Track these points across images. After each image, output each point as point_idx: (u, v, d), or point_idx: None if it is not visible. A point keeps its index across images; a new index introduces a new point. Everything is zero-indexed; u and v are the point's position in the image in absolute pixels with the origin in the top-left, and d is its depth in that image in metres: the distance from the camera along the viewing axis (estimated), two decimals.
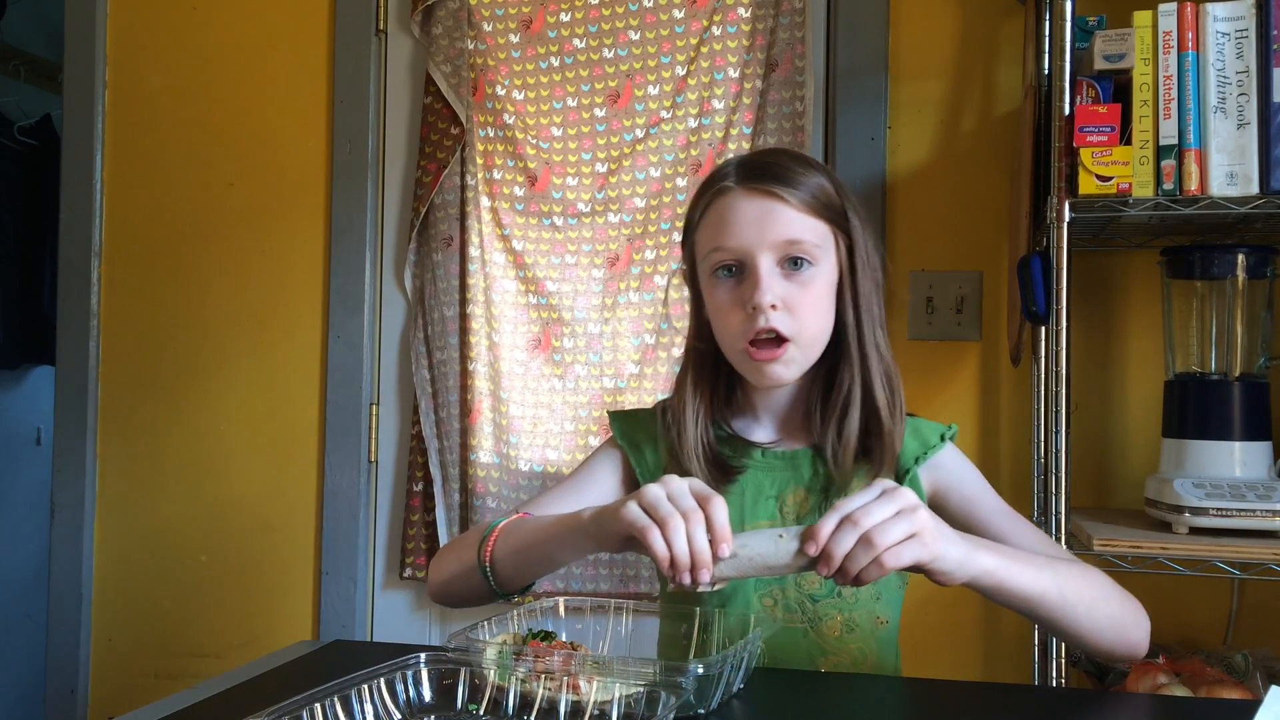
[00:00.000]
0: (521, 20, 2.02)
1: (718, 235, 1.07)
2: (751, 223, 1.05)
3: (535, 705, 0.81)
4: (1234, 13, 1.35)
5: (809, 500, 1.11)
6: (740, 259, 1.05)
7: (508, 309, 2.01)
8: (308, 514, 2.12)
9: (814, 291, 1.06)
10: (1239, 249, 1.53)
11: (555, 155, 2.00)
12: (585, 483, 1.17)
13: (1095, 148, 1.35)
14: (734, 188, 1.06)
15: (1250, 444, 1.45)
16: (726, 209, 1.06)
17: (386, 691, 0.81)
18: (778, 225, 1.04)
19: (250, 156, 2.19)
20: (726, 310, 1.07)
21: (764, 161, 1.09)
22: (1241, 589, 1.65)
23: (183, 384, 2.21)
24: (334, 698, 0.76)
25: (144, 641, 2.20)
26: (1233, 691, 1.36)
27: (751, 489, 1.12)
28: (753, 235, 1.04)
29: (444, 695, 0.84)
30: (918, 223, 1.82)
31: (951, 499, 1.12)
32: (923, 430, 1.15)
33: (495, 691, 0.83)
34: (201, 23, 2.22)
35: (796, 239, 1.04)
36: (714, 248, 1.07)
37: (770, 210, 1.04)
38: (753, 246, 1.04)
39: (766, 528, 0.92)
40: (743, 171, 1.07)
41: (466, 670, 0.84)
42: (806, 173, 1.07)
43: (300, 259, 2.15)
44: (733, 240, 1.05)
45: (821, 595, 1.09)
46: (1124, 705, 1.11)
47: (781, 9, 1.88)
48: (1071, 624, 0.96)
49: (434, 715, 0.83)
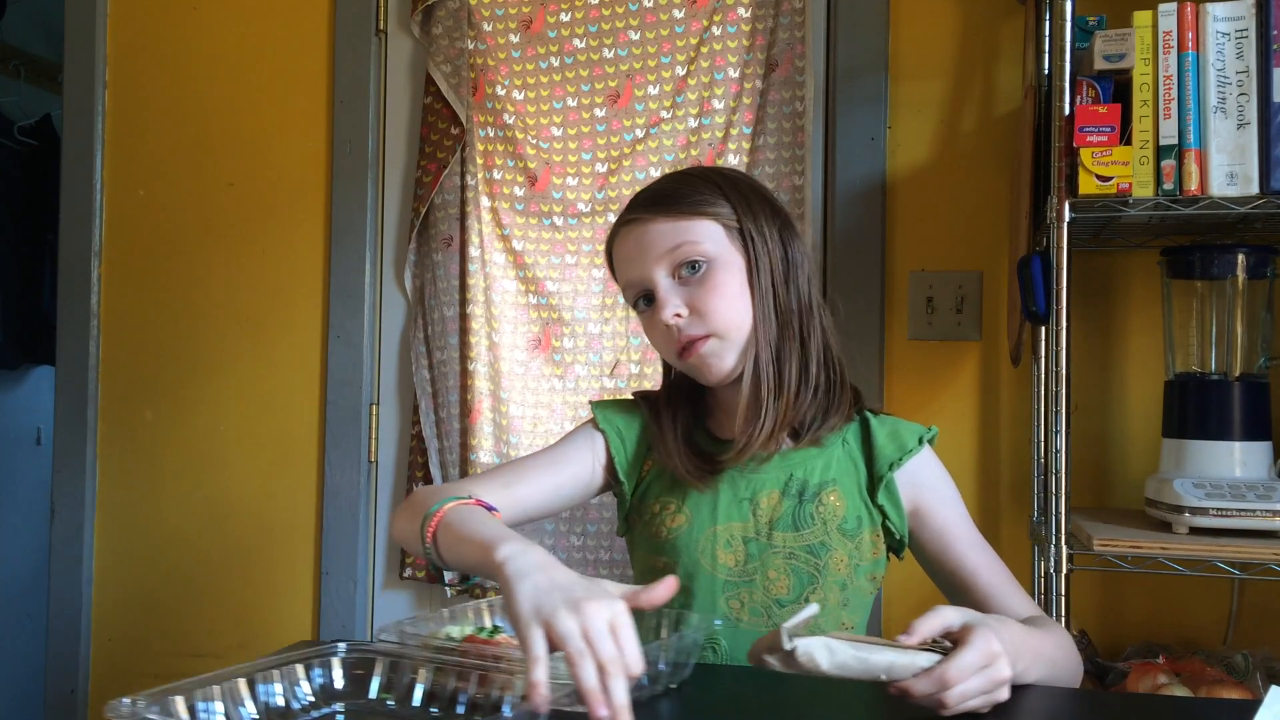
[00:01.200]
0: (521, 20, 2.02)
1: (621, 274, 1.15)
2: (635, 250, 1.12)
3: (443, 696, 0.82)
4: (1234, 13, 1.35)
5: (782, 504, 1.12)
6: (644, 286, 1.12)
7: (508, 309, 2.01)
8: (308, 514, 2.12)
9: (713, 284, 1.09)
10: (1239, 249, 1.53)
11: (555, 155, 2.00)
12: (561, 460, 1.17)
13: (1095, 148, 1.35)
14: (619, 229, 1.15)
15: (1250, 444, 1.45)
16: (619, 248, 1.14)
17: (303, 674, 0.83)
18: (656, 241, 1.10)
19: (250, 156, 2.19)
20: (653, 336, 1.14)
21: (642, 192, 1.15)
22: (1241, 589, 1.64)
23: (183, 384, 2.21)
24: (243, 678, 0.78)
25: (144, 642, 2.20)
26: (1233, 691, 1.36)
27: (727, 492, 1.13)
28: (640, 260, 1.11)
29: (357, 683, 0.85)
30: (918, 223, 1.82)
31: (930, 524, 1.13)
32: (900, 432, 1.15)
33: (411, 681, 0.85)
34: (201, 23, 2.22)
35: (677, 244, 1.09)
36: (624, 285, 1.15)
37: (646, 232, 1.10)
38: (645, 269, 1.11)
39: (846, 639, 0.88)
40: (625, 209, 1.15)
41: (386, 660, 0.85)
42: (683, 184, 1.13)
43: (300, 259, 2.15)
44: (630, 272, 1.13)
45: (788, 600, 1.10)
46: (1124, 705, 1.11)
47: (781, 9, 1.88)
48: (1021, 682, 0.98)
49: (343, 702, 0.84)
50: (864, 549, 1.12)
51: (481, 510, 0.99)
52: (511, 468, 1.16)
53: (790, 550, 1.10)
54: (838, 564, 1.10)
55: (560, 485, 1.15)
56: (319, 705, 0.83)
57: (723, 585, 1.11)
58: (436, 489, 1.05)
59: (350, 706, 0.84)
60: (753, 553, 1.11)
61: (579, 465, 1.17)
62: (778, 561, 1.10)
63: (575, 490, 1.17)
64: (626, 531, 1.22)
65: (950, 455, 1.77)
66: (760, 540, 1.11)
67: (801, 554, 1.10)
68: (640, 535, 1.18)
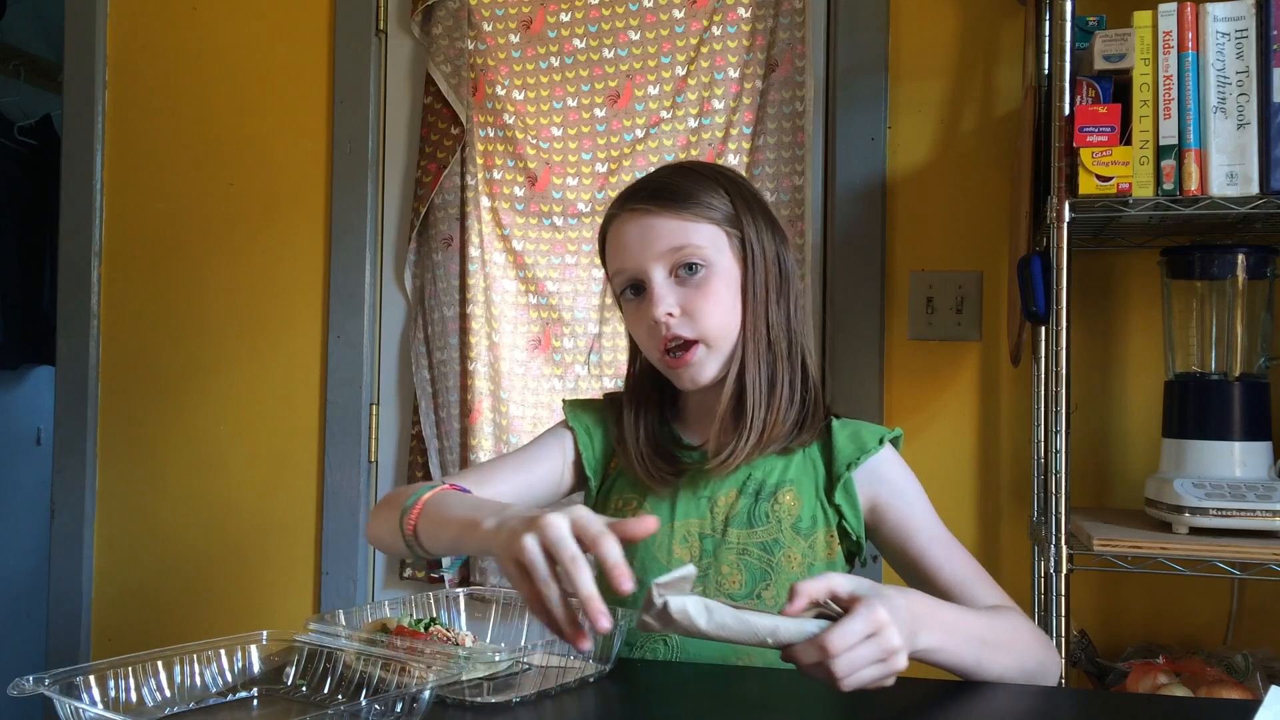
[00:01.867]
0: (521, 20, 2.02)
1: (614, 259, 1.13)
2: (636, 240, 1.10)
3: (355, 684, 0.85)
4: (1234, 13, 1.35)
5: (739, 502, 1.13)
6: (637, 277, 1.11)
7: (508, 309, 2.01)
8: (308, 514, 2.12)
9: (709, 291, 1.09)
10: (1239, 249, 1.53)
11: (555, 155, 2.00)
12: (532, 459, 1.19)
13: (1095, 148, 1.35)
14: (619, 213, 1.13)
15: (1250, 444, 1.45)
16: (616, 233, 1.13)
17: (224, 659, 0.87)
18: (660, 237, 1.09)
19: (250, 156, 2.19)
20: (636, 327, 1.14)
21: (647, 182, 1.14)
22: (1241, 589, 1.64)
23: (183, 384, 2.21)
24: (161, 660, 0.82)
25: (144, 641, 2.19)
26: (1233, 691, 1.36)
27: (686, 489, 1.15)
28: (639, 251, 1.10)
29: (276, 671, 0.89)
30: (918, 223, 1.82)
31: (888, 519, 1.13)
32: (861, 434, 1.15)
33: (326, 669, 0.88)
34: (201, 23, 2.22)
35: (680, 245, 1.09)
36: (614, 271, 1.14)
37: (651, 225, 1.10)
38: (643, 262, 1.10)
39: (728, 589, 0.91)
40: (626, 195, 1.13)
41: (305, 649, 0.89)
42: (691, 183, 1.12)
43: (300, 259, 2.15)
44: (625, 261, 1.11)
45: (740, 595, 1.10)
46: (1124, 705, 1.11)
47: (781, 9, 1.88)
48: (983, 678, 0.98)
49: (257, 688, 0.88)
50: (818, 548, 1.12)
51: (458, 493, 1.00)
52: (483, 467, 1.18)
53: (744, 546, 1.11)
54: (790, 561, 1.11)
55: (531, 484, 1.16)
56: (235, 689, 0.86)
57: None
58: (408, 487, 1.06)
59: (265, 691, 0.87)
60: (707, 549, 1.12)
61: (549, 464, 1.19)
62: (731, 557, 1.11)
63: (546, 489, 1.19)
64: None
65: (950, 455, 1.78)
66: (715, 536, 1.12)
67: (755, 550, 1.11)
68: None
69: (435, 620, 1.00)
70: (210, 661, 0.86)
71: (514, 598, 1.09)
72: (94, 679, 0.77)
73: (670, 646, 1.11)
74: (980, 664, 0.96)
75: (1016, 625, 1.03)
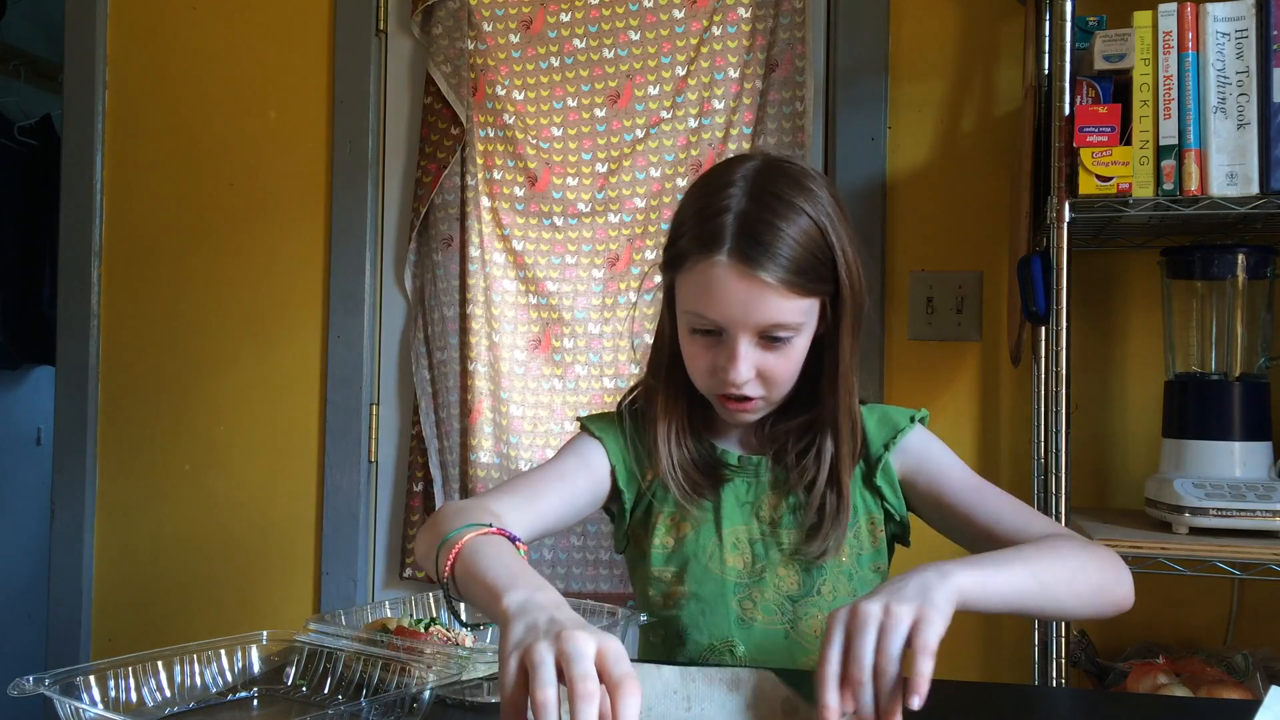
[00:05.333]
0: (521, 20, 2.02)
1: (700, 302, 1.04)
2: (737, 304, 1.01)
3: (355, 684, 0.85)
4: (1234, 13, 1.35)
5: (781, 505, 1.12)
6: (720, 329, 1.04)
7: (508, 309, 2.01)
8: (308, 514, 2.12)
9: (790, 357, 1.05)
10: (1239, 249, 1.53)
11: (555, 155, 2.00)
12: (572, 470, 1.14)
13: (1095, 148, 1.35)
14: (724, 261, 1.01)
15: (1250, 444, 1.45)
16: (714, 281, 1.02)
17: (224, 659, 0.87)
18: (762, 310, 1.01)
19: (250, 156, 2.19)
20: (698, 360, 1.07)
21: (759, 227, 1.02)
22: (1241, 589, 1.64)
23: (183, 384, 2.21)
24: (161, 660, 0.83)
25: (144, 641, 2.19)
26: (1233, 691, 1.36)
27: (729, 499, 1.13)
28: (736, 314, 1.02)
29: (276, 671, 0.89)
30: (918, 223, 1.82)
31: (920, 479, 1.12)
32: (890, 416, 1.15)
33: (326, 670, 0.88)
34: (201, 23, 2.22)
35: (779, 322, 1.02)
36: (695, 312, 1.05)
37: (756, 295, 1.01)
38: (734, 324, 1.03)
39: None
40: (735, 242, 1.01)
41: (305, 649, 0.89)
42: (806, 249, 1.02)
43: (300, 259, 2.15)
44: (715, 314, 1.03)
45: (799, 595, 1.10)
46: (1124, 705, 1.11)
47: (781, 9, 1.88)
48: (1056, 608, 0.95)
49: (257, 688, 0.88)
50: (863, 538, 1.12)
51: (502, 542, 0.89)
52: (526, 482, 1.11)
53: (795, 545, 1.11)
54: (839, 553, 1.11)
55: (576, 496, 1.13)
56: (235, 689, 0.87)
57: (733, 588, 1.11)
58: (458, 509, 0.98)
59: (265, 691, 0.87)
60: (759, 553, 1.12)
61: (589, 473, 1.14)
62: (784, 558, 1.11)
63: (589, 499, 1.15)
64: (626, 547, 1.20)
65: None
66: (765, 540, 1.12)
67: (805, 549, 1.10)
68: (644, 549, 1.16)
69: (435, 620, 1.00)
70: (210, 661, 0.86)
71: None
72: (94, 679, 0.78)
73: (736, 657, 1.10)
74: (1045, 588, 0.90)
75: (1067, 545, 0.97)
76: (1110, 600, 0.97)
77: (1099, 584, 0.96)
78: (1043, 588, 0.91)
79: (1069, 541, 0.98)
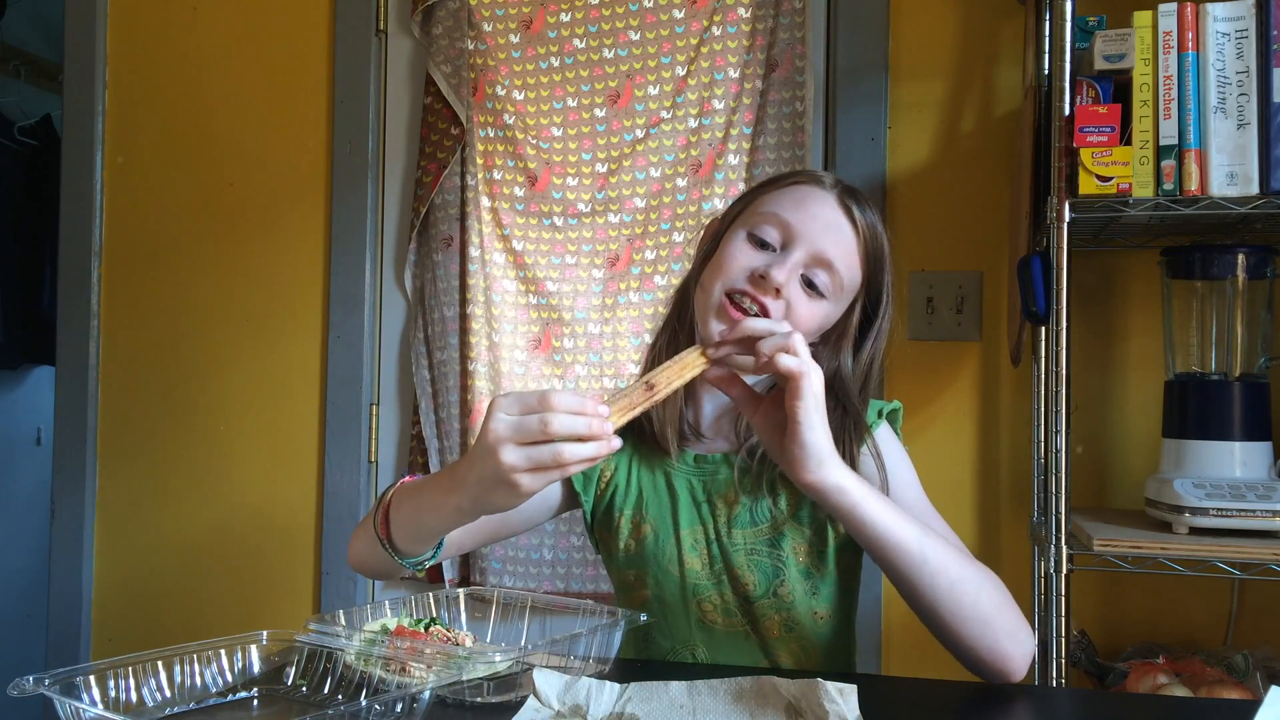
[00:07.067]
0: (521, 20, 2.02)
1: (784, 206, 1.07)
2: (819, 221, 1.06)
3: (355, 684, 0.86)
4: (1234, 13, 1.35)
5: (738, 503, 1.12)
6: (785, 240, 1.06)
7: (508, 309, 2.01)
8: (308, 514, 2.12)
9: (813, 313, 1.06)
10: (1239, 249, 1.53)
11: (555, 155, 2.00)
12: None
13: (1095, 148, 1.35)
14: (827, 190, 1.09)
15: (1250, 444, 1.45)
16: (809, 196, 1.08)
17: (224, 659, 0.88)
18: (833, 241, 1.06)
19: (250, 156, 2.19)
20: (737, 260, 1.07)
21: (856, 194, 1.10)
22: (1241, 589, 1.64)
23: (183, 384, 2.21)
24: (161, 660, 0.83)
25: (144, 642, 2.18)
26: (1233, 691, 1.36)
27: (685, 497, 1.13)
28: (814, 229, 1.06)
29: (276, 671, 0.89)
30: (918, 223, 1.82)
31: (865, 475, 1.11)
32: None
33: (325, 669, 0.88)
34: (201, 22, 2.22)
35: (834, 264, 1.05)
36: (773, 213, 1.07)
37: (836, 228, 1.07)
38: (802, 238, 1.05)
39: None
40: (840, 187, 1.10)
41: (305, 649, 0.89)
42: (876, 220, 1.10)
43: (300, 259, 2.15)
44: (796, 219, 1.06)
45: (756, 596, 1.10)
46: (1124, 705, 1.11)
47: (781, 9, 1.88)
48: (930, 591, 0.94)
49: (257, 688, 0.88)
50: (826, 536, 1.11)
51: (416, 479, 1.00)
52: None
53: (751, 546, 1.11)
54: (797, 552, 1.10)
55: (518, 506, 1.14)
56: (235, 689, 0.87)
57: (693, 589, 1.11)
58: (377, 500, 1.04)
59: (265, 691, 0.87)
60: (715, 554, 1.11)
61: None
62: (741, 559, 1.10)
63: (535, 509, 1.15)
64: (597, 547, 1.21)
65: (950, 455, 1.78)
66: (722, 540, 1.12)
67: (762, 548, 1.10)
68: (611, 550, 1.17)
69: (435, 620, 1.00)
70: (210, 661, 0.86)
71: (514, 598, 1.08)
72: (94, 679, 0.78)
73: (698, 660, 1.11)
74: (925, 563, 0.93)
75: (978, 565, 0.98)
76: (993, 643, 0.95)
77: (989, 616, 0.95)
78: (924, 559, 0.93)
79: (989, 574, 0.98)
